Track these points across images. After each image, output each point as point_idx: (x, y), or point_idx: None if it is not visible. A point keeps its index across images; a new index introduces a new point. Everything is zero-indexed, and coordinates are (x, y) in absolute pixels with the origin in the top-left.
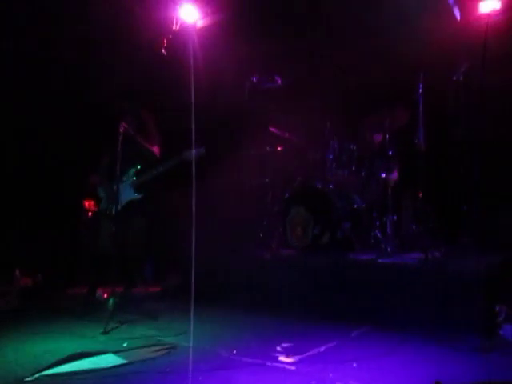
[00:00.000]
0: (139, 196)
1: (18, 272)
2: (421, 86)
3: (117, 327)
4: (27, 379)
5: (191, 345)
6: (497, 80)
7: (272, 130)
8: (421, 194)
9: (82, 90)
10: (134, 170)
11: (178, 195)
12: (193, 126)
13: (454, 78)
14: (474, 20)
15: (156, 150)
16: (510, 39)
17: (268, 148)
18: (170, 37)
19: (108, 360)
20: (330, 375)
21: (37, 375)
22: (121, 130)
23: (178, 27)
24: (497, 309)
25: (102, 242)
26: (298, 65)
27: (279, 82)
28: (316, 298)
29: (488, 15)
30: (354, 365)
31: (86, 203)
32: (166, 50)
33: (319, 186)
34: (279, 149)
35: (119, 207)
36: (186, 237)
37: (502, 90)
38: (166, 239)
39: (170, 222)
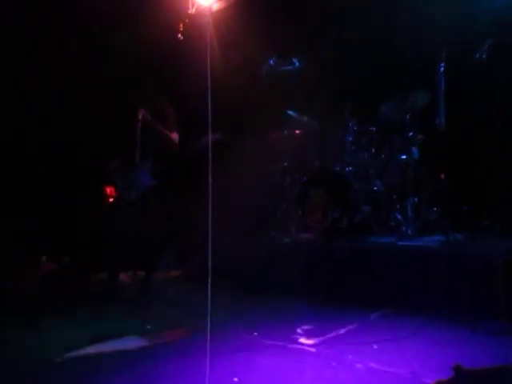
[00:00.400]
0: (157, 182)
1: (44, 258)
2: (442, 65)
3: (140, 311)
4: (56, 360)
5: (212, 327)
6: None
7: (290, 113)
8: (442, 176)
9: (99, 76)
10: (152, 155)
11: (199, 181)
12: (209, 110)
13: (477, 56)
14: None
15: (175, 136)
16: None
17: (286, 131)
18: (187, 21)
19: (134, 342)
20: (350, 357)
21: (65, 356)
22: (139, 116)
23: (193, 11)
24: None
25: (122, 227)
26: (316, 47)
27: (297, 64)
28: (336, 282)
29: None
30: (375, 347)
31: (108, 189)
32: (182, 35)
33: (338, 168)
34: (297, 132)
35: (137, 193)
36: (205, 222)
37: None
38: (186, 224)
39: (190, 208)
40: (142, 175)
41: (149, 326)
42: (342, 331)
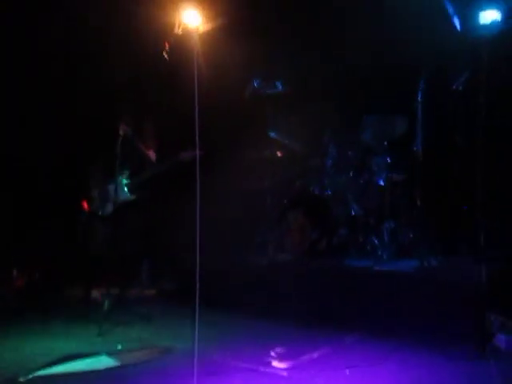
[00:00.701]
0: (133, 197)
1: (15, 272)
2: (420, 94)
3: (112, 329)
4: (21, 379)
5: (185, 348)
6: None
7: (272, 135)
8: (418, 202)
9: (82, 90)
10: (128, 171)
11: (175, 198)
12: (196, 129)
13: (454, 87)
14: (475, 30)
15: (151, 154)
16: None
17: (267, 153)
18: (173, 40)
19: (102, 362)
20: (321, 383)
21: (31, 375)
22: (120, 131)
23: (180, 31)
24: (491, 318)
25: (95, 243)
26: (298, 71)
27: (280, 87)
28: (312, 304)
29: (489, 25)
30: (347, 372)
31: (85, 203)
32: (167, 54)
33: (317, 191)
34: (278, 154)
35: (113, 208)
36: (182, 240)
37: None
38: (162, 242)
39: (166, 225)
40: (118, 189)
41: (119, 346)
42: (316, 355)
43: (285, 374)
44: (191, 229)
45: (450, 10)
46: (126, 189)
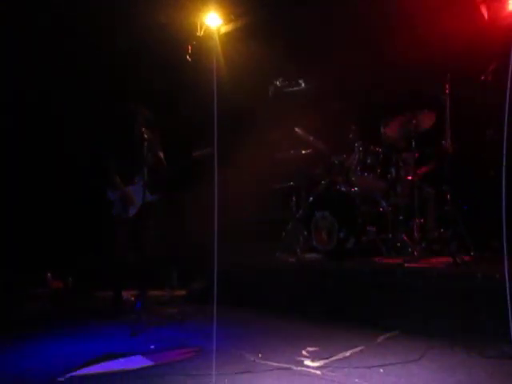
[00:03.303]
0: (153, 198)
1: (49, 275)
2: (448, 86)
3: (144, 330)
4: (60, 379)
5: (216, 348)
6: None
7: (297, 133)
8: (448, 197)
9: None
10: (146, 172)
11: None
12: (215, 130)
13: (482, 78)
14: (502, 18)
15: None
16: None
17: (292, 151)
18: (195, 43)
19: (136, 361)
20: (356, 380)
21: (68, 375)
22: (145, 135)
23: (202, 33)
24: None
25: (120, 246)
26: (322, 68)
27: (303, 85)
28: (342, 303)
29: None
30: (381, 370)
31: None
32: (190, 56)
33: (344, 189)
34: (304, 152)
35: (136, 210)
36: (211, 240)
37: None
38: (190, 244)
39: (193, 227)
40: (137, 191)
41: (152, 346)
42: (348, 353)
43: (318, 372)
44: (218, 228)
45: None
46: (144, 190)
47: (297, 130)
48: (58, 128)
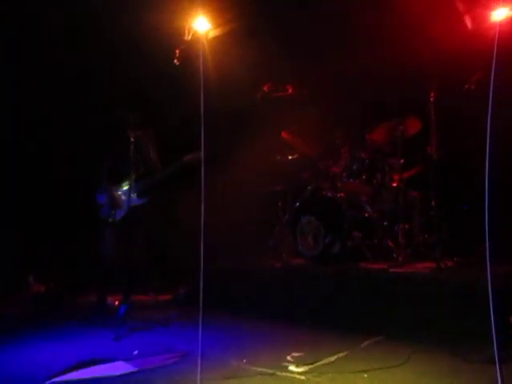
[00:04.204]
0: (143, 202)
1: (31, 279)
2: (433, 94)
3: (128, 334)
4: None
5: (201, 353)
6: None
7: (283, 138)
8: (433, 202)
9: (89, 96)
10: (135, 176)
11: (189, 202)
12: (202, 135)
13: (466, 87)
14: (486, 28)
15: (156, 156)
16: None
17: (279, 156)
18: (183, 47)
19: (118, 367)
20: None
21: (50, 381)
22: (132, 139)
23: (190, 37)
24: (511, 319)
25: (107, 249)
26: (309, 74)
27: (290, 90)
28: (327, 308)
29: (499, 24)
30: (365, 375)
31: None
32: (178, 60)
33: (330, 195)
34: (290, 157)
35: (124, 214)
36: (195, 245)
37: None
38: (176, 247)
39: (179, 230)
40: (128, 195)
41: (136, 351)
42: (333, 359)
43: (303, 377)
44: (204, 234)
45: (461, 8)
46: (134, 193)
47: (284, 135)
48: (45, 131)
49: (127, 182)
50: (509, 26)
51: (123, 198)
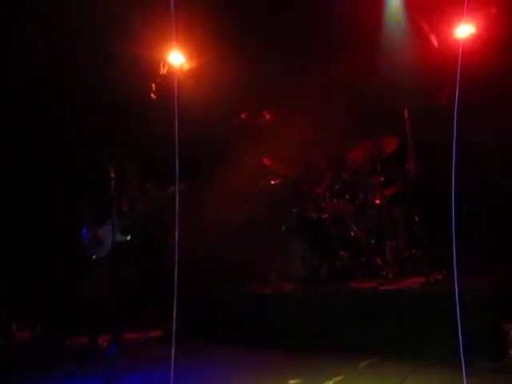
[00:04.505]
0: (126, 238)
1: (14, 327)
2: (406, 112)
3: (120, 376)
4: None
5: None
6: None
7: (265, 163)
8: (416, 218)
9: (66, 131)
10: (118, 212)
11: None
12: (177, 167)
13: (438, 102)
14: (451, 45)
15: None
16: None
17: (262, 181)
18: (158, 80)
19: None
20: None
21: None
22: (112, 174)
23: (165, 71)
24: (505, 328)
25: (95, 289)
26: (285, 100)
27: (267, 117)
28: (320, 330)
29: (464, 40)
30: None
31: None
32: (154, 94)
33: (315, 216)
34: (273, 182)
35: (107, 251)
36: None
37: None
38: (164, 281)
39: (166, 263)
40: (110, 232)
41: None
42: (331, 383)
43: None
44: (191, 263)
45: (426, 28)
46: (117, 230)
47: (265, 160)
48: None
49: (110, 220)
50: (472, 42)
51: (106, 235)
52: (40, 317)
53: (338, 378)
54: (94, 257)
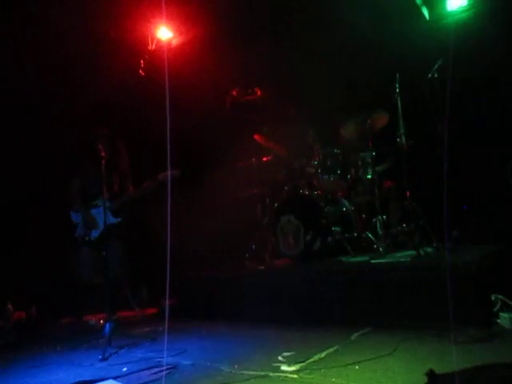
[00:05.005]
0: (118, 220)
1: (10, 306)
2: (397, 86)
3: (115, 352)
4: None
5: (192, 363)
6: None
7: (256, 140)
8: (408, 193)
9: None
10: (109, 194)
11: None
12: (168, 146)
13: (429, 76)
14: (443, 17)
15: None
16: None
17: (254, 159)
18: (147, 57)
19: None
20: (333, 380)
21: None
22: (102, 153)
23: (153, 47)
24: (492, 298)
25: (83, 268)
26: (276, 76)
27: (259, 93)
28: (313, 305)
29: (456, 12)
30: (356, 367)
31: None
32: (143, 71)
33: (307, 192)
34: (265, 159)
35: (100, 232)
36: (177, 255)
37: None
38: (158, 260)
39: (159, 243)
40: (100, 213)
41: (125, 368)
42: (323, 354)
43: (295, 376)
44: (187, 244)
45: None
46: (108, 212)
47: (256, 137)
48: (17, 149)
49: (101, 201)
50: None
51: (98, 217)
52: (35, 297)
53: (331, 350)
54: (85, 238)
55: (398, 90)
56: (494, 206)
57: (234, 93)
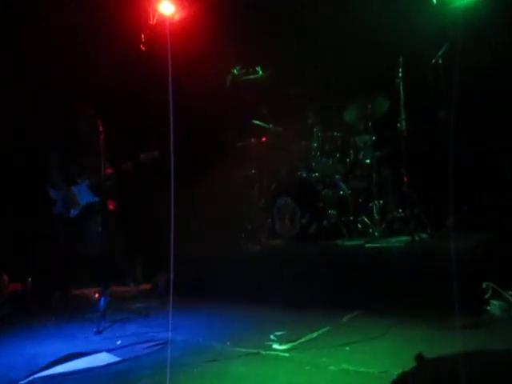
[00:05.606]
0: (98, 199)
1: (5, 278)
2: (400, 70)
3: (109, 326)
4: (21, 382)
5: (184, 339)
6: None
7: (255, 121)
8: (405, 179)
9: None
10: (90, 173)
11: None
12: (171, 121)
13: (433, 61)
14: (451, 1)
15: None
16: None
17: (252, 140)
18: (148, 31)
19: (102, 359)
20: (323, 360)
21: (30, 378)
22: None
23: (155, 21)
24: (483, 286)
25: (62, 245)
26: (279, 55)
27: (260, 72)
28: (307, 286)
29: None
30: (347, 348)
31: None
32: (144, 45)
33: (304, 175)
34: (263, 140)
35: (77, 211)
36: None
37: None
38: (153, 237)
39: (155, 220)
40: (81, 191)
41: (119, 342)
42: (315, 335)
43: (286, 355)
44: (182, 222)
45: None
46: (88, 190)
47: (255, 121)
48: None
49: (82, 180)
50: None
51: (78, 195)
52: (30, 270)
53: (323, 331)
54: (65, 216)
55: (400, 75)
56: (490, 194)
57: (235, 71)
